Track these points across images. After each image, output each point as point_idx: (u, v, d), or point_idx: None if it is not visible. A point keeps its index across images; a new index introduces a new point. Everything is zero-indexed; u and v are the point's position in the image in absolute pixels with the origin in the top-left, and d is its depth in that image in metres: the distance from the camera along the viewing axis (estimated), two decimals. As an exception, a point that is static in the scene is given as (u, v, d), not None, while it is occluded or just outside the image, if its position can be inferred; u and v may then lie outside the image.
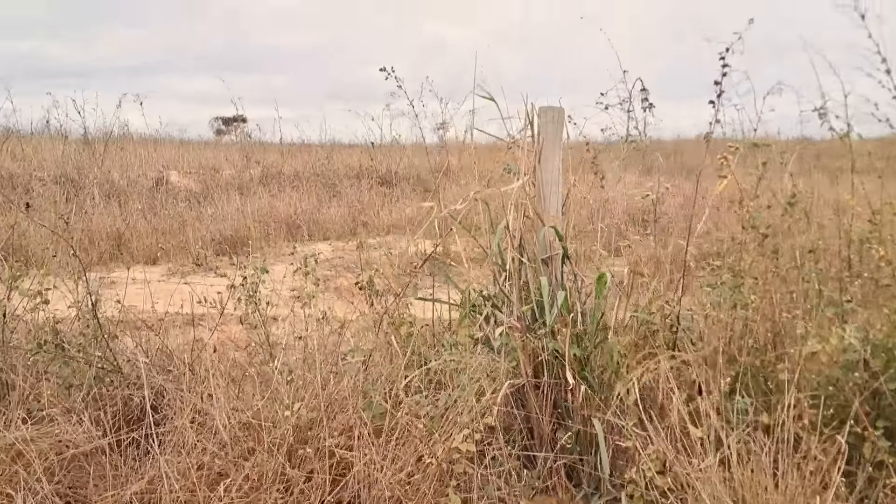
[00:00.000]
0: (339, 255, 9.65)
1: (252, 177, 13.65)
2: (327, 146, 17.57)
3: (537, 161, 3.79)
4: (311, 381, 3.34)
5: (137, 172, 12.41)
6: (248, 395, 3.66)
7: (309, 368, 3.41)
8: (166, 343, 4.18)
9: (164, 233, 9.70)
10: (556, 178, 3.81)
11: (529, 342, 3.47)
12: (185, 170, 14.09)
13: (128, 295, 4.67)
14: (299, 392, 3.27)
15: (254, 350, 4.50)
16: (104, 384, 3.68)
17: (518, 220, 3.74)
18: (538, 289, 3.63)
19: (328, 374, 3.34)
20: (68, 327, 3.79)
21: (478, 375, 3.38)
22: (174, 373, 3.74)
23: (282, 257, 9.64)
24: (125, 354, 3.96)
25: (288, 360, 3.61)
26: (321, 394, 3.19)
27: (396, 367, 3.59)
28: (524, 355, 3.45)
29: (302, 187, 13.02)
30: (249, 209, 10.76)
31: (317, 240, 10.96)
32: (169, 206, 10.90)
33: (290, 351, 4.50)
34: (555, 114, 3.78)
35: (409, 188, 14.21)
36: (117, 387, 3.67)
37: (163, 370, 3.88)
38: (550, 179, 3.80)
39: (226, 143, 21.67)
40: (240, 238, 9.76)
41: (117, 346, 3.93)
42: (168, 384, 3.63)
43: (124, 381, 3.75)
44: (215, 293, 6.52)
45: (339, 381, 3.31)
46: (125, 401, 3.67)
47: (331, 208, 11.87)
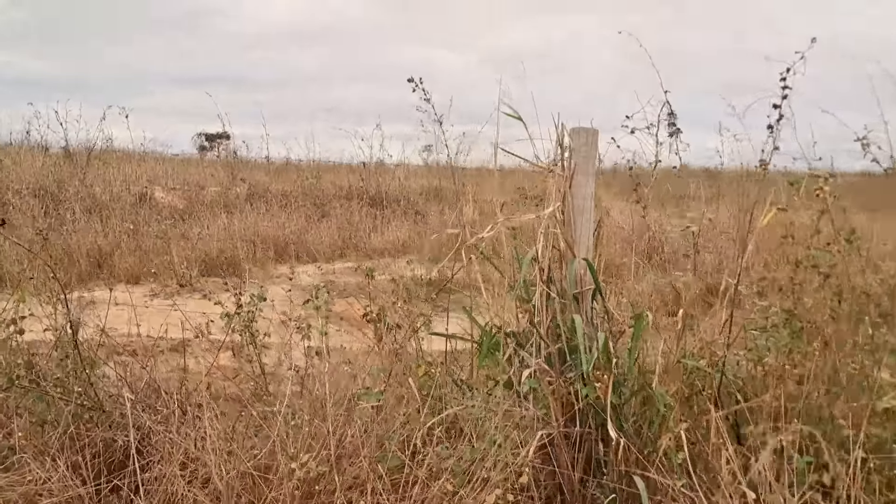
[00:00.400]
0: (330, 278, 9.27)
1: (238, 195, 13.26)
2: (315, 165, 17.24)
3: (568, 186, 3.47)
4: (318, 427, 2.98)
5: (120, 187, 11.99)
6: (244, 439, 3.30)
7: (316, 412, 3.05)
8: (153, 376, 3.80)
9: (148, 251, 9.30)
10: (588, 206, 3.48)
11: (560, 388, 3.13)
12: (170, 186, 13.70)
13: (109, 316, 4.28)
14: (306, 440, 2.90)
15: (248, 384, 4.14)
16: (82, 422, 3.31)
17: (547, 250, 3.40)
18: (570, 328, 3.30)
19: (337, 419, 2.97)
20: (45, 356, 3.41)
21: (503, 424, 3.03)
22: (163, 412, 3.36)
23: (271, 279, 9.26)
24: (107, 388, 3.58)
25: (292, 402, 3.25)
26: (331, 442, 2.83)
27: (412, 412, 3.24)
28: (555, 402, 3.11)
29: (290, 207, 12.64)
30: (236, 229, 10.37)
31: (305, 262, 10.58)
32: (153, 223, 10.49)
33: (288, 385, 4.13)
34: (588, 136, 3.47)
35: (400, 210, 13.87)
36: (98, 426, 3.30)
37: (149, 408, 3.50)
38: (583, 207, 3.47)
39: (211, 160, 21.28)
40: (226, 259, 9.37)
41: (98, 379, 3.55)
42: (156, 425, 3.25)
43: (106, 419, 3.37)
44: (201, 316, 6.12)
45: (350, 427, 2.95)
46: (106, 443, 3.29)
47: (320, 229, 11.49)
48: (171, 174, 14.84)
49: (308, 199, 13.41)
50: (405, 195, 14.84)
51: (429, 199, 15.19)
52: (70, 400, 3.19)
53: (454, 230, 3.58)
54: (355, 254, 11.16)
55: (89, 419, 3.32)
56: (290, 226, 11.22)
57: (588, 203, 3.48)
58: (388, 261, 10.43)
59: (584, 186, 3.47)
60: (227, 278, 9.13)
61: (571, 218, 3.46)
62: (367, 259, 10.93)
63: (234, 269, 9.29)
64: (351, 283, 8.89)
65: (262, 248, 10.24)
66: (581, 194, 3.47)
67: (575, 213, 3.46)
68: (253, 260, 9.73)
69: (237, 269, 9.34)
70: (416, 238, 11.43)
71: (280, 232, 10.90)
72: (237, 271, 9.30)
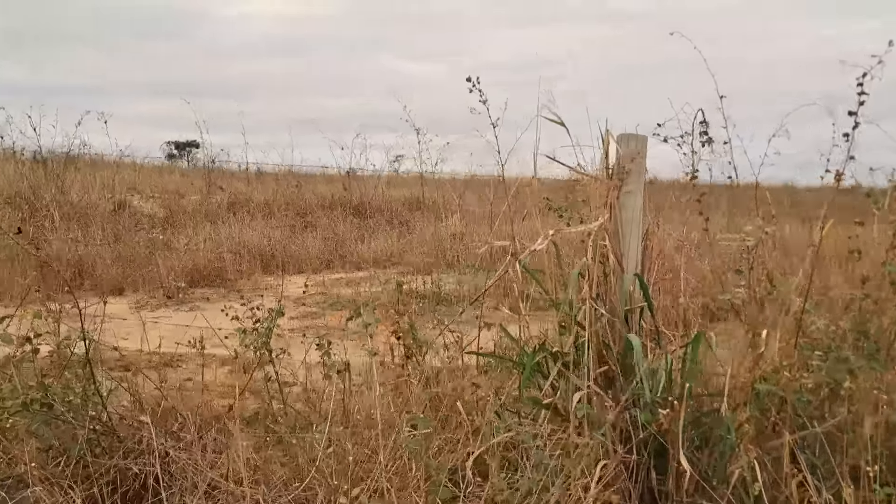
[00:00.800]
0: (321, 289, 9.01)
1: (220, 203, 12.94)
2: (295, 174, 16.94)
3: (616, 197, 3.26)
4: (359, 454, 2.74)
5: (98, 195, 11.63)
6: (272, 464, 3.06)
7: (358, 439, 2.82)
8: (166, 396, 3.54)
9: (130, 261, 8.98)
10: (637, 218, 3.28)
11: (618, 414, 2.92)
12: (148, 194, 13.35)
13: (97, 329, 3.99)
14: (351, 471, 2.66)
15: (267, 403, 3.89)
16: (93, 449, 3.04)
17: (595, 265, 3.19)
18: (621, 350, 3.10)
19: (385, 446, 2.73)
20: (55, 376, 3.13)
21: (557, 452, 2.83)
22: (185, 438, 3.10)
23: (259, 291, 8.98)
24: (118, 411, 3.31)
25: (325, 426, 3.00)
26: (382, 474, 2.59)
27: (454, 438, 3.01)
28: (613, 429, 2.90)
29: (273, 216, 12.36)
30: (224, 239, 10.08)
31: (291, 272, 10.30)
32: (134, 232, 10.17)
33: (330, 407, 3.89)
34: (637, 143, 3.27)
35: (384, 220, 13.64)
36: (110, 454, 3.03)
37: (167, 433, 3.23)
38: (632, 219, 3.27)
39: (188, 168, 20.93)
40: (214, 269, 9.08)
41: (110, 401, 3.28)
42: (177, 452, 2.99)
43: (120, 445, 3.11)
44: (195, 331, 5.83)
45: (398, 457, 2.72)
46: (121, 471, 3.02)
47: (305, 240, 11.22)
48: (148, 182, 14.49)
49: (291, 208, 13.13)
50: (388, 205, 14.62)
51: (412, 209, 14.99)
52: (84, 425, 2.92)
53: (503, 242, 3.34)
54: (342, 264, 10.90)
55: (99, 446, 3.05)
56: (276, 236, 10.93)
57: (637, 214, 3.28)
58: (379, 271, 10.19)
59: (633, 197, 3.27)
60: (216, 289, 8.89)
61: (619, 230, 3.25)
62: (355, 270, 10.69)
63: (222, 281, 9.01)
64: (344, 294, 8.64)
65: (247, 258, 9.95)
66: (630, 205, 3.27)
67: (623, 226, 3.25)
68: (240, 271, 9.44)
69: (224, 280, 9.06)
70: (406, 248, 11.21)
71: (265, 242, 10.62)
72: (225, 282, 9.03)
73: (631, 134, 3.27)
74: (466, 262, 9.61)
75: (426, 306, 8.30)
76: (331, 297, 8.56)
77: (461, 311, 3.81)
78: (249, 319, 3.91)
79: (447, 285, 8.95)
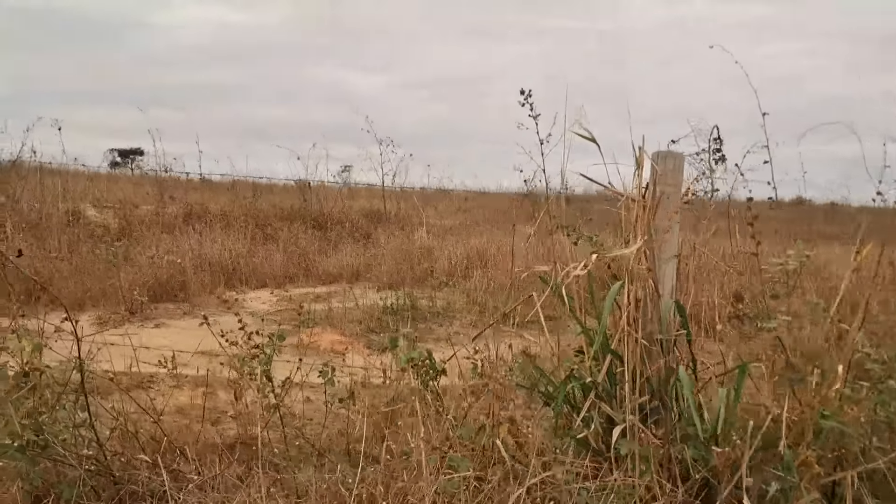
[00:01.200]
0: (290, 305, 8.69)
1: (176, 214, 12.52)
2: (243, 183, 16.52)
3: (651, 217, 3.08)
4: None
5: (50, 205, 11.15)
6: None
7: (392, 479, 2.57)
8: (162, 428, 3.25)
9: (87, 274, 8.56)
10: (673, 240, 3.11)
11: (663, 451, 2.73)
12: (101, 204, 12.87)
13: (59, 348, 3.66)
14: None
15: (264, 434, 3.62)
16: (84, 490, 2.75)
17: (633, 290, 3.00)
18: (660, 380, 2.92)
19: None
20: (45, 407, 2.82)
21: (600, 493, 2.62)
22: (194, 479, 2.82)
23: (223, 306, 8.62)
24: (112, 447, 3.02)
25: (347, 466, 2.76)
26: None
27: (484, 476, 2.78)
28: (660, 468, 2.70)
29: (231, 228, 11.96)
30: (185, 251, 9.70)
31: (254, 286, 9.96)
32: (90, 243, 9.74)
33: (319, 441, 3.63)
34: (675, 161, 3.09)
35: (346, 232, 13.33)
36: (108, 499, 2.74)
37: (166, 470, 2.95)
38: (668, 240, 3.09)
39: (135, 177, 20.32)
40: (177, 283, 8.71)
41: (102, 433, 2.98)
42: (184, 495, 2.71)
43: (114, 486, 2.82)
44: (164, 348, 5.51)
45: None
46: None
47: (268, 253, 10.87)
48: (100, 192, 14.00)
49: (250, 219, 12.76)
50: (349, 217, 14.32)
51: (372, 221, 14.72)
52: (79, 466, 2.63)
53: (544, 267, 3.12)
54: (306, 278, 10.58)
55: (94, 488, 2.76)
56: (237, 248, 10.57)
57: (673, 236, 3.11)
58: (346, 286, 9.90)
59: (670, 218, 3.09)
60: (178, 304, 8.52)
61: (655, 253, 3.07)
62: (320, 284, 10.38)
63: (186, 295, 8.65)
64: (315, 310, 8.34)
65: (209, 272, 9.58)
66: (666, 226, 3.09)
67: (659, 248, 3.07)
68: (202, 285, 9.08)
69: (188, 294, 8.69)
70: (372, 262, 10.94)
71: (226, 254, 10.25)
72: (188, 297, 8.66)
73: (668, 151, 3.11)
74: (438, 278, 9.38)
75: (403, 322, 8.07)
76: (301, 312, 8.24)
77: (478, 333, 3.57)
78: (239, 342, 3.67)
79: (420, 300, 8.71)
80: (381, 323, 7.86)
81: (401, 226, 13.93)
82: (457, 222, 15.27)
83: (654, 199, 3.09)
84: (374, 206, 15.79)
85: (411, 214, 14.93)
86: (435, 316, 8.41)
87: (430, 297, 8.87)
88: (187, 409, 4.97)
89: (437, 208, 17.78)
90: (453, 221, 15.53)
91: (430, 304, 8.70)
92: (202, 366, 6.12)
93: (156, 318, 7.75)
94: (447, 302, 8.87)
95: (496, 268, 9.86)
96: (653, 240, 3.08)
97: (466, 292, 9.15)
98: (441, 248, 11.15)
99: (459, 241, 11.90)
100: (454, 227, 14.50)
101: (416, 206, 13.95)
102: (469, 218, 16.23)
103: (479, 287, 9.13)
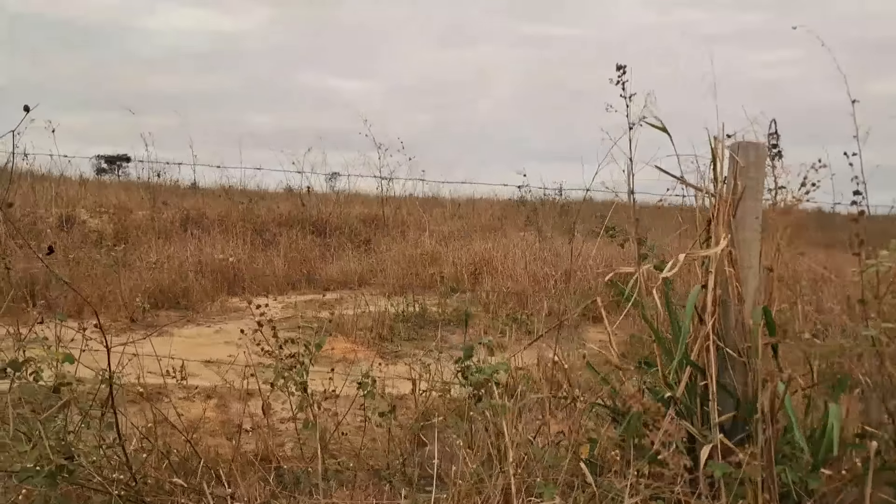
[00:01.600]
0: (299, 312, 8.40)
1: (172, 219, 12.20)
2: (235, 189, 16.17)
3: (732, 215, 2.83)
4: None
5: (44, 209, 10.82)
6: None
7: None
8: (194, 448, 2.96)
9: (85, 280, 8.25)
10: (755, 240, 2.85)
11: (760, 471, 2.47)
12: (95, 209, 12.53)
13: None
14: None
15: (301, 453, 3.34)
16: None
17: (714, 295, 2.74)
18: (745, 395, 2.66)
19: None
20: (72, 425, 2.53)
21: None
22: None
23: (228, 314, 8.34)
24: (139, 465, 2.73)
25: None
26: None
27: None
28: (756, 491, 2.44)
29: (230, 234, 11.64)
30: (187, 257, 9.39)
31: (256, 293, 9.65)
32: (86, 249, 9.42)
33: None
34: (757, 153, 2.84)
35: (345, 238, 13.03)
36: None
37: (199, 493, 2.66)
38: (750, 240, 2.84)
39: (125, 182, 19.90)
40: (179, 290, 8.40)
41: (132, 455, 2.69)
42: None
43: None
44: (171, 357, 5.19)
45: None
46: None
47: (269, 259, 10.57)
48: (93, 196, 13.65)
49: (248, 225, 12.45)
50: (347, 222, 14.02)
51: (371, 227, 14.42)
52: (109, 490, 2.35)
53: (628, 268, 2.85)
54: (308, 285, 10.29)
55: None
56: (238, 254, 10.26)
57: (756, 235, 2.85)
58: (350, 293, 9.62)
59: (752, 216, 2.84)
60: (181, 311, 8.22)
61: (738, 255, 2.81)
62: (323, 291, 10.08)
63: (188, 302, 8.34)
64: (323, 317, 8.04)
65: (211, 278, 9.27)
66: (748, 225, 2.84)
67: (741, 249, 2.82)
68: (205, 292, 8.77)
69: (190, 301, 8.38)
70: (376, 268, 10.65)
71: (228, 261, 9.95)
72: (192, 304, 8.36)
73: (749, 142, 2.85)
74: (449, 283, 9.11)
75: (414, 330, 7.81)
76: (310, 320, 7.96)
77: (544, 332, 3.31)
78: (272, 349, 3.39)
79: (430, 307, 8.44)
80: (393, 331, 7.59)
81: (401, 231, 13.65)
82: (455, 228, 14.99)
83: (734, 194, 2.84)
84: (372, 211, 15.50)
85: (408, 220, 14.65)
86: (447, 323, 8.14)
87: (440, 303, 8.61)
88: (201, 421, 4.69)
89: (432, 214, 17.50)
90: (451, 227, 15.26)
91: (440, 310, 8.44)
92: (210, 375, 5.86)
93: (158, 325, 7.45)
94: (457, 309, 8.60)
95: (505, 273, 9.60)
96: (733, 239, 2.82)
97: (478, 299, 8.88)
98: (446, 253, 10.88)
99: (462, 246, 11.65)
100: (453, 232, 14.23)
101: (418, 211, 13.66)
102: (466, 224, 15.97)
103: (491, 293, 8.86)
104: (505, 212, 18.31)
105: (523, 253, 10.43)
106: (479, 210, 18.57)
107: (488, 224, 16.06)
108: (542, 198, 16.75)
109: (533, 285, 8.95)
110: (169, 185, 16.20)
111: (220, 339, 7.16)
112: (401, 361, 6.82)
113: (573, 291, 8.81)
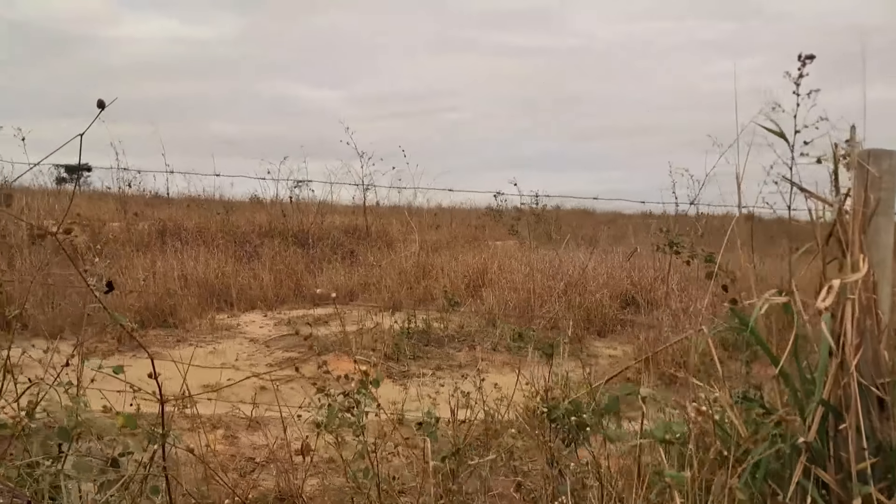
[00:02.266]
0: (286, 329, 7.96)
1: (149, 231, 11.68)
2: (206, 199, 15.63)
3: (861, 231, 2.49)
4: None
5: (12, 222, 10.23)
6: None
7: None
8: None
9: (63, 297, 7.74)
10: (888, 259, 2.52)
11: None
12: (67, 220, 11.94)
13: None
14: None
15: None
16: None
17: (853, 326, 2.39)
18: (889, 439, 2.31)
19: None
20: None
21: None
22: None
23: (219, 332, 7.86)
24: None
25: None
26: None
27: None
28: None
29: (210, 246, 11.13)
30: (172, 271, 8.91)
31: (244, 309, 9.19)
32: (61, 263, 8.88)
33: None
34: (891, 161, 2.50)
35: (329, 250, 12.57)
36: None
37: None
38: (883, 260, 2.50)
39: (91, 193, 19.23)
40: (167, 307, 7.92)
41: None
42: None
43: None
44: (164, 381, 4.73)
45: None
46: None
47: (255, 273, 10.09)
48: (60, 207, 13.05)
49: (228, 236, 11.95)
50: (328, 233, 13.57)
51: (352, 238, 13.98)
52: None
53: (781, 298, 2.48)
54: (297, 299, 9.83)
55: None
56: (223, 268, 9.78)
57: (889, 255, 2.51)
58: (342, 308, 9.17)
59: (885, 233, 2.50)
60: (170, 330, 7.74)
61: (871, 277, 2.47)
62: (312, 306, 9.63)
63: (177, 321, 7.86)
64: (319, 334, 7.61)
65: (197, 293, 8.79)
66: (881, 242, 2.50)
67: (875, 270, 2.47)
68: (193, 309, 8.29)
69: (179, 319, 7.90)
70: (367, 282, 10.22)
71: (212, 274, 9.47)
72: (179, 322, 7.88)
73: (882, 150, 2.50)
74: (451, 297, 8.72)
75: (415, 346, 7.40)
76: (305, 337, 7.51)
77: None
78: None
79: (432, 323, 8.04)
80: (399, 349, 7.18)
81: (386, 242, 13.24)
82: (438, 237, 14.60)
83: (865, 207, 2.49)
84: (352, 221, 15.05)
85: (389, 230, 14.24)
86: (451, 340, 7.76)
87: (442, 318, 8.22)
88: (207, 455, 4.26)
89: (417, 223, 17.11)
90: (434, 237, 14.87)
91: (442, 326, 8.05)
92: (210, 401, 5.41)
93: (147, 346, 6.96)
94: (460, 325, 8.22)
95: (504, 286, 9.23)
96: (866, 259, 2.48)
97: (480, 314, 8.49)
98: (438, 265, 10.48)
99: (451, 257, 11.27)
100: (439, 242, 13.83)
101: (405, 220, 13.27)
102: (448, 234, 15.59)
103: (495, 307, 8.49)
104: (482, 220, 18.02)
105: (520, 264, 10.07)
106: (457, 218, 18.23)
107: (468, 233, 15.72)
108: (519, 206, 16.49)
109: (536, 298, 8.60)
110: (135, 194, 15.65)
111: (216, 360, 6.71)
112: (411, 382, 6.43)
113: (577, 306, 8.49)
